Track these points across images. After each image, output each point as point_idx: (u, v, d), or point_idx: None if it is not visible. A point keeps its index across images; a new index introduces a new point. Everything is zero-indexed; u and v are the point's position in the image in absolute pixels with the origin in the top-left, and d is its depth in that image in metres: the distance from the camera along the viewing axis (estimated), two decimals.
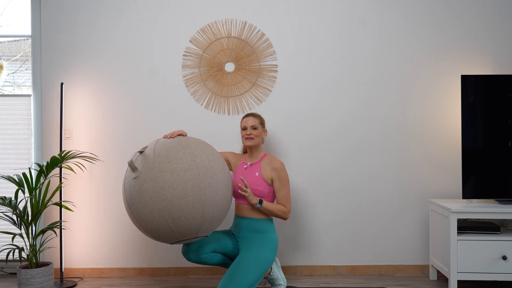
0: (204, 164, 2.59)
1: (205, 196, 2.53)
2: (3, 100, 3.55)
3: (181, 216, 2.50)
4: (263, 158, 2.97)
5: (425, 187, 3.44)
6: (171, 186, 2.50)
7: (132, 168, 2.61)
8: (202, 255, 2.80)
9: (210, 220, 2.59)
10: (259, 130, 2.97)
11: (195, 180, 2.53)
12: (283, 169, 2.90)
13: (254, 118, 2.98)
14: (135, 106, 3.46)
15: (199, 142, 2.74)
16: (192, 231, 2.57)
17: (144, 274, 3.47)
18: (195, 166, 2.56)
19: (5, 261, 3.48)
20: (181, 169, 2.53)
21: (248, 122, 2.96)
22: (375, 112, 3.45)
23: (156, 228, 2.55)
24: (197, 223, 2.54)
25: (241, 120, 3.02)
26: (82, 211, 3.45)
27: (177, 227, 2.53)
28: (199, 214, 2.52)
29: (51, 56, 3.46)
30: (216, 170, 2.62)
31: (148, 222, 2.55)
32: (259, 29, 3.44)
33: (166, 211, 2.49)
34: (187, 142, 2.69)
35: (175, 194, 2.49)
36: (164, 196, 2.49)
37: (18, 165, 3.53)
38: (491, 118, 3.15)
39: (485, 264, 2.94)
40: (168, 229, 2.54)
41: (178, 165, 2.54)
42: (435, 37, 3.44)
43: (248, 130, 2.94)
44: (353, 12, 3.44)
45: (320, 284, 3.22)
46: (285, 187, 2.89)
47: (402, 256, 3.46)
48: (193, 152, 2.62)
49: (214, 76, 3.44)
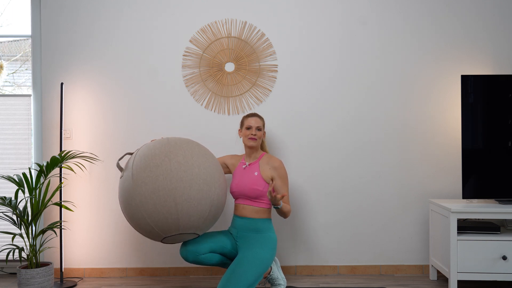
0: (177, 159, 2.61)
1: (176, 190, 2.55)
2: (3, 100, 3.55)
3: (154, 211, 2.55)
4: (261, 157, 2.97)
5: (425, 187, 3.44)
6: (143, 181, 2.57)
7: (119, 169, 2.79)
8: (200, 256, 2.79)
9: (188, 216, 2.58)
10: (262, 131, 2.99)
11: (165, 175, 2.56)
12: (283, 167, 2.92)
13: (259, 119, 2.99)
14: (135, 106, 3.46)
15: (183, 141, 2.76)
16: (172, 227, 2.60)
17: (144, 274, 3.47)
18: (168, 161, 2.59)
19: (5, 261, 3.48)
20: (154, 165, 2.59)
21: (254, 123, 2.96)
22: (375, 112, 3.45)
23: (139, 224, 2.64)
24: (173, 218, 2.56)
25: (244, 119, 3.02)
26: (82, 211, 3.45)
27: (154, 222, 2.58)
28: (173, 209, 2.55)
29: (51, 56, 3.46)
30: (192, 165, 2.62)
31: (132, 219, 2.66)
32: (259, 29, 3.44)
33: (141, 206, 2.57)
34: (169, 141, 2.73)
35: (147, 189, 2.56)
36: (138, 192, 2.58)
37: (18, 165, 3.53)
38: (491, 118, 3.15)
39: (485, 264, 2.94)
40: (148, 225, 2.61)
41: (151, 162, 2.61)
42: (435, 37, 3.44)
43: (253, 130, 2.94)
44: (353, 12, 3.44)
45: (320, 284, 3.22)
46: (286, 185, 2.92)
47: (402, 256, 3.46)
48: (169, 148, 2.66)
49: (214, 76, 3.44)
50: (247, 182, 2.88)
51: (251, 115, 3.01)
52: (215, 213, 2.73)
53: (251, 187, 2.86)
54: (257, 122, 2.96)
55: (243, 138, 2.99)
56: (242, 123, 3.03)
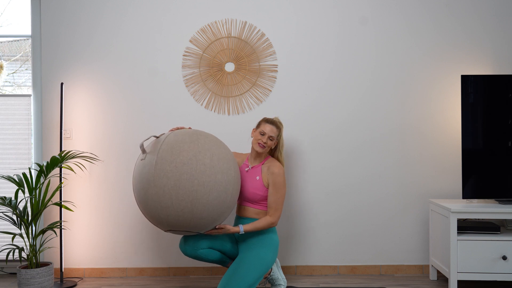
0: (204, 162, 2.58)
1: (196, 193, 2.53)
2: (3, 100, 3.55)
3: (169, 206, 2.54)
4: (265, 161, 2.94)
5: (425, 187, 3.44)
6: (166, 175, 2.54)
7: (141, 150, 2.73)
8: (199, 250, 2.78)
9: (200, 218, 2.58)
10: (274, 141, 2.89)
11: (190, 175, 2.54)
12: (280, 174, 2.83)
13: (276, 129, 2.87)
14: (135, 106, 3.46)
15: (211, 140, 2.72)
16: (181, 224, 2.59)
17: (144, 274, 3.47)
18: (195, 162, 2.57)
19: (5, 261, 3.48)
20: (180, 162, 2.56)
21: (269, 130, 2.85)
22: (375, 111, 3.45)
23: (150, 212, 2.63)
24: (186, 218, 2.56)
25: (262, 122, 2.91)
26: (82, 211, 3.45)
27: (166, 216, 2.58)
28: (188, 209, 2.54)
29: (51, 56, 3.46)
30: (216, 171, 2.60)
31: (144, 205, 2.64)
32: (259, 29, 3.44)
33: (157, 197, 2.55)
34: (198, 137, 2.68)
35: (168, 183, 2.54)
36: (157, 182, 2.55)
37: (18, 165, 3.53)
38: (491, 118, 3.15)
39: (485, 264, 2.94)
40: (158, 216, 2.60)
41: (178, 157, 2.57)
42: (435, 37, 3.44)
43: (265, 138, 2.85)
44: (353, 12, 3.44)
45: (320, 284, 3.22)
46: (278, 193, 2.82)
47: (402, 256, 3.46)
48: (198, 148, 2.62)
49: (214, 76, 3.44)
50: (249, 186, 2.87)
51: (270, 122, 2.89)
52: (223, 219, 2.75)
53: (252, 191, 2.85)
54: (272, 131, 2.86)
55: (253, 140, 2.91)
56: (258, 125, 2.92)
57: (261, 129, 2.87)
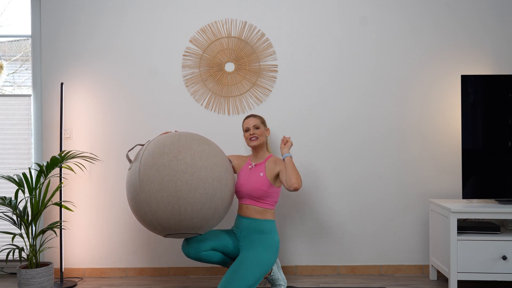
0: (185, 161, 2.57)
1: (181, 193, 2.53)
2: (3, 100, 3.55)
3: (158, 210, 2.55)
4: (268, 159, 2.97)
5: (425, 187, 3.44)
6: (150, 180, 2.55)
7: (128, 160, 2.77)
8: (202, 252, 2.79)
9: (191, 218, 2.57)
10: (262, 129, 2.99)
11: (171, 176, 2.54)
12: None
13: (255, 118, 3.01)
14: (135, 106, 3.46)
15: (194, 139, 2.71)
16: (174, 227, 2.59)
17: (144, 274, 3.47)
18: (175, 162, 2.56)
19: (5, 261, 3.48)
20: (161, 164, 2.56)
21: (250, 123, 2.99)
22: (375, 111, 3.45)
23: (143, 219, 2.64)
24: (176, 219, 2.56)
25: (243, 122, 3.05)
26: (82, 211, 3.45)
27: (157, 221, 2.58)
28: (176, 211, 2.54)
29: (51, 56, 3.46)
30: (199, 168, 2.58)
31: (137, 213, 2.65)
32: (259, 29, 3.44)
33: (145, 203, 2.56)
34: (179, 138, 2.69)
35: (153, 188, 2.54)
36: (143, 188, 2.56)
37: (18, 165, 3.53)
38: (491, 118, 3.15)
39: (485, 264, 2.94)
40: (151, 222, 2.61)
41: (159, 160, 2.58)
42: (435, 37, 3.44)
43: (251, 130, 2.97)
44: (353, 12, 3.44)
45: (320, 284, 3.22)
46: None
47: (402, 256, 3.46)
48: (179, 148, 2.62)
49: (214, 76, 3.44)
50: (253, 182, 2.88)
51: (246, 117, 3.05)
52: (220, 215, 2.73)
53: (256, 187, 2.86)
54: (253, 121, 2.99)
55: (246, 141, 3.02)
56: (243, 128, 3.05)
57: (245, 126, 3.02)
